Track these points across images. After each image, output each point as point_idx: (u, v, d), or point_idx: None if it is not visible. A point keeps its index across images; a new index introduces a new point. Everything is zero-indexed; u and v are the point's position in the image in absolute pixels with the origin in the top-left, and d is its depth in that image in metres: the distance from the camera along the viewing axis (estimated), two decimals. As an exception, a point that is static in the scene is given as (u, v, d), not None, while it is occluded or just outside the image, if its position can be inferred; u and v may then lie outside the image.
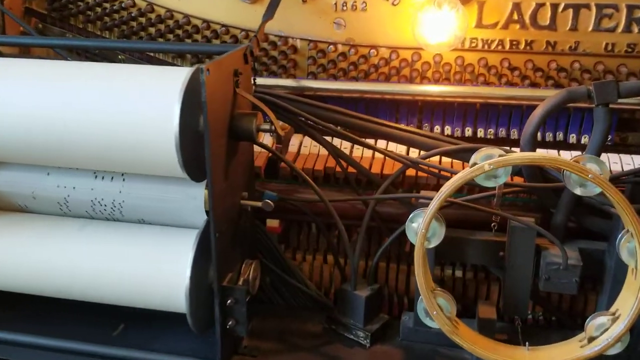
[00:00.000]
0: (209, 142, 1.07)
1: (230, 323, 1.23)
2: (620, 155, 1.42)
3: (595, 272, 1.27)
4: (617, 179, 1.21)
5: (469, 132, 1.50)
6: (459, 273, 1.46)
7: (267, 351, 1.35)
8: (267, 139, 1.51)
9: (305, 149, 1.51)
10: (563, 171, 1.06)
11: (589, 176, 1.04)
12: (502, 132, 1.49)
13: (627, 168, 1.38)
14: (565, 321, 1.40)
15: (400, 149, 1.46)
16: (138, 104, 1.10)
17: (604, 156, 1.40)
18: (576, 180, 1.07)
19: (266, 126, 1.19)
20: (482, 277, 1.45)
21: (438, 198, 1.11)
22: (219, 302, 1.20)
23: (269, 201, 1.25)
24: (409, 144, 1.36)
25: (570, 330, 1.33)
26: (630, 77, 1.42)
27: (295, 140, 1.52)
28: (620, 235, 1.09)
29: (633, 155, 1.41)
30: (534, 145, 1.23)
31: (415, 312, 1.24)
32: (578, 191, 1.07)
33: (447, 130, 1.50)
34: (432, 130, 1.51)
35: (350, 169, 1.41)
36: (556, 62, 1.44)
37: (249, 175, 1.32)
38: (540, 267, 1.23)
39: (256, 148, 1.37)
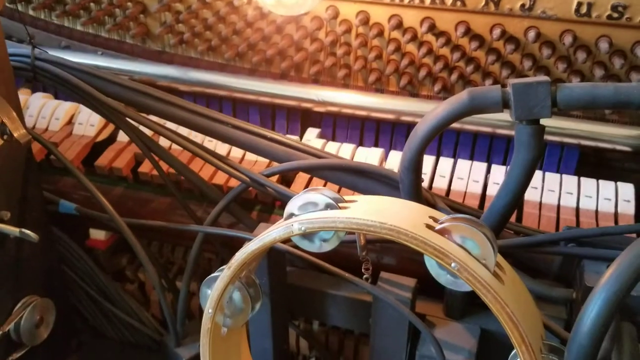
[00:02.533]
0: None
1: (-27, 397, 0.88)
2: (580, 179, 0.93)
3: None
4: (538, 246, 0.75)
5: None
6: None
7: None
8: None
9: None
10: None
11: (452, 265, 0.59)
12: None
13: (585, 203, 0.90)
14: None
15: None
16: None
17: (571, 180, 0.94)
18: (438, 265, 0.63)
19: (-1, 126, 0.78)
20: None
21: (229, 267, 0.69)
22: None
23: (27, 232, 0.86)
24: (250, 148, 0.92)
25: None
26: (613, 56, 0.91)
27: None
28: (511, 356, 0.65)
29: (602, 182, 0.92)
30: (416, 173, 0.77)
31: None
32: (442, 280, 0.63)
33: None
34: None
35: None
36: (502, 27, 0.95)
37: (21, 185, 0.92)
38: (416, 358, 0.81)
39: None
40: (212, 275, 0.76)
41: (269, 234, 0.66)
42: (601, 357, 0.61)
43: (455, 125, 0.84)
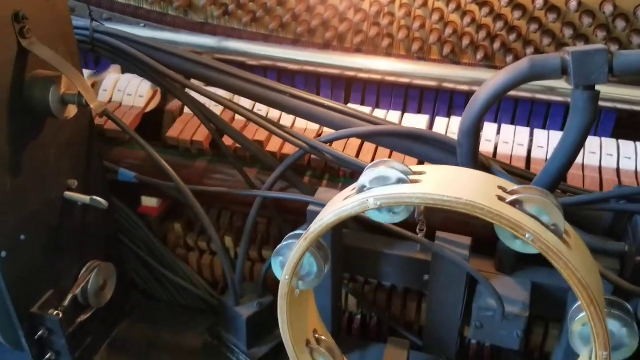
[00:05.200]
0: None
1: (48, 355, 0.93)
2: (619, 141, 0.98)
3: (554, 316, 0.90)
4: (592, 204, 0.80)
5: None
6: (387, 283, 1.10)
7: (122, 374, 1.05)
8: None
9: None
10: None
11: (527, 236, 0.64)
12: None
13: (625, 164, 0.95)
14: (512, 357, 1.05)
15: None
16: None
17: (610, 143, 0.99)
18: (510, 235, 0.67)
19: (74, 95, 0.81)
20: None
21: (305, 238, 0.74)
22: (24, 335, 0.89)
23: (98, 199, 0.90)
24: (308, 117, 0.95)
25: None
26: (653, 25, 0.96)
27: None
28: (574, 309, 0.70)
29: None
30: (475, 138, 0.82)
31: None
32: (516, 247, 0.68)
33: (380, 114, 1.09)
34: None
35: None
36: (576, -1, 0.99)
37: (86, 155, 0.95)
38: (472, 310, 0.87)
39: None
40: (283, 244, 0.81)
41: (344, 209, 0.70)
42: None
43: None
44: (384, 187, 0.67)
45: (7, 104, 0.78)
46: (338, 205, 0.70)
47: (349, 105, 1.09)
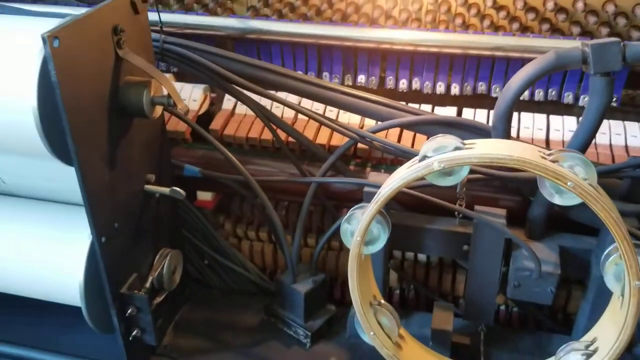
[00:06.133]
0: (70, 128, 0.82)
1: (134, 332, 1.04)
2: (625, 123, 1.13)
3: (579, 276, 1.03)
4: (610, 173, 0.94)
5: (441, 87, 1.20)
6: (423, 257, 1.23)
7: (192, 350, 1.16)
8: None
9: (242, 108, 1.24)
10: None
11: (568, 184, 0.78)
12: (482, 88, 1.19)
13: (632, 141, 1.10)
14: (542, 319, 1.18)
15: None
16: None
17: (618, 124, 1.13)
18: (551, 186, 0.81)
19: (163, 98, 0.93)
20: (450, 261, 1.22)
21: (376, 201, 0.87)
22: (115, 313, 1.00)
23: (178, 189, 1.02)
24: (358, 112, 1.08)
25: (546, 333, 1.12)
26: (648, 19, 1.10)
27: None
28: (606, 253, 0.84)
29: (642, 123, 1.12)
30: (508, 121, 0.96)
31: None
32: (555, 199, 0.82)
33: (416, 84, 1.21)
34: (397, 84, 1.22)
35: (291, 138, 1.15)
36: (584, 0, 1.13)
37: (159, 151, 1.07)
38: (510, 271, 1.00)
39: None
40: (350, 213, 0.93)
41: (411, 172, 0.83)
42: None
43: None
44: (445, 153, 0.81)
45: (107, 106, 0.89)
46: (403, 172, 0.83)
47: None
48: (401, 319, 1.04)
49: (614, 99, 1.11)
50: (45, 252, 1.05)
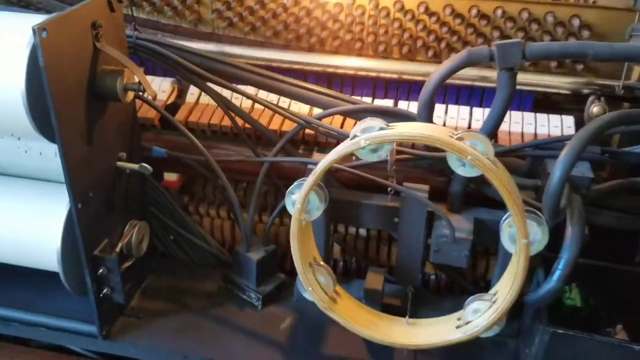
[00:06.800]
0: (54, 109, 0.97)
1: (105, 291, 1.18)
2: (536, 115, 1.31)
3: (491, 244, 1.20)
4: (513, 152, 1.12)
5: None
6: (363, 232, 1.40)
7: (156, 312, 1.31)
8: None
9: (205, 98, 1.39)
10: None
11: (468, 157, 0.95)
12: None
13: (540, 130, 1.28)
14: (465, 285, 1.35)
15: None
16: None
17: (529, 116, 1.31)
18: (457, 159, 0.98)
19: (135, 85, 1.08)
20: (386, 236, 1.39)
21: (314, 174, 1.03)
22: (88, 273, 1.14)
23: (146, 165, 1.16)
24: (306, 101, 1.25)
25: (466, 296, 1.29)
26: (557, 26, 1.28)
27: (195, 89, 1.41)
28: (504, 218, 1.01)
29: (551, 115, 1.30)
30: (430, 110, 1.13)
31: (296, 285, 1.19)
32: (460, 171, 0.99)
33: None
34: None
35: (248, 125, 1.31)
36: (477, 7, 1.31)
37: (130, 132, 1.22)
38: (432, 239, 1.17)
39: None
40: (294, 184, 1.09)
41: (341, 148, 1.00)
42: (562, 207, 0.99)
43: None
44: (370, 133, 0.97)
45: (86, 90, 1.04)
46: (337, 149, 1.00)
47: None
48: (343, 285, 1.20)
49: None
50: (26, 222, 1.19)
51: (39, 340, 1.34)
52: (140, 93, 1.09)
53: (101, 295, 1.18)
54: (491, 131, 1.11)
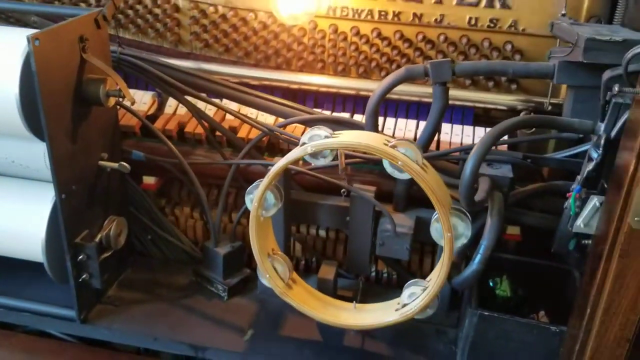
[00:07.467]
0: (43, 109, 1.12)
1: (84, 276, 1.32)
2: (475, 127, 1.47)
3: (429, 240, 1.35)
4: (443, 156, 1.28)
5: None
6: (323, 233, 1.54)
7: (131, 301, 1.44)
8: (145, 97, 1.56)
9: (182, 110, 1.55)
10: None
11: (399, 163, 1.09)
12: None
13: (466, 140, 1.44)
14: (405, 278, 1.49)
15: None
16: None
17: (469, 129, 1.47)
18: (390, 165, 1.12)
19: (116, 92, 1.24)
20: (343, 237, 1.53)
21: (268, 175, 1.17)
22: (69, 258, 1.28)
23: (124, 164, 1.31)
24: (270, 111, 1.41)
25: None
26: (493, 51, 1.46)
27: (173, 101, 1.56)
28: (433, 215, 1.16)
29: (487, 128, 1.46)
30: (375, 120, 1.29)
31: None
32: (396, 175, 1.13)
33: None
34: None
35: (219, 132, 1.47)
36: (423, 34, 1.48)
37: (112, 136, 1.37)
38: (377, 233, 1.31)
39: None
40: (252, 185, 1.24)
41: (292, 153, 1.14)
42: (479, 200, 1.14)
43: (396, 97, 1.38)
44: (317, 141, 1.12)
45: (73, 95, 1.19)
46: (289, 154, 1.15)
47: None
48: (302, 278, 1.34)
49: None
50: (13, 215, 1.32)
51: (23, 325, 1.47)
52: (120, 99, 1.24)
53: (80, 280, 1.31)
54: (428, 138, 1.27)
